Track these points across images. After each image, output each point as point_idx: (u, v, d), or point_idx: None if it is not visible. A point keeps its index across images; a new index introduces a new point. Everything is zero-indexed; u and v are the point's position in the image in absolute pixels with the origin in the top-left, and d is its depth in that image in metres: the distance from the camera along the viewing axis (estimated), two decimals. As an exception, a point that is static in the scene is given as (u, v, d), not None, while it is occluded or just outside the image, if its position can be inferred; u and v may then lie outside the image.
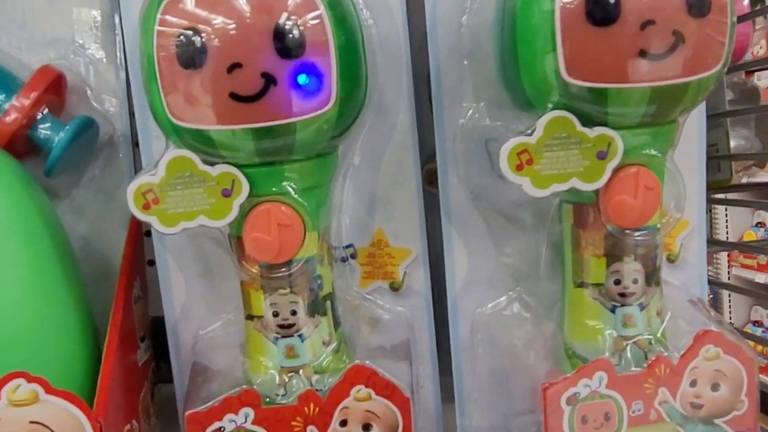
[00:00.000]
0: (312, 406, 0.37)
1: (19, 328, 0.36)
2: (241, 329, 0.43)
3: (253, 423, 0.37)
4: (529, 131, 0.35)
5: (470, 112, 0.42)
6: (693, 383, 0.39)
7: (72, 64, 0.48)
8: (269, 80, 0.32)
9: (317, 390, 0.37)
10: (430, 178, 0.45)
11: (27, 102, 0.43)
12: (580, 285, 0.39)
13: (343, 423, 0.37)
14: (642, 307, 0.39)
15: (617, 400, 0.38)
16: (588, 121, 0.34)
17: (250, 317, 0.38)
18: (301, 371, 0.38)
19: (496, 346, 0.44)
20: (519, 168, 0.35)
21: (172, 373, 0.45)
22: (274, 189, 0.35)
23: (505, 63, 0.37)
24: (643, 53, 0.33)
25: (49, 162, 0.44)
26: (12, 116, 0.43)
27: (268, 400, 0.37)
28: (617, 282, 0.38)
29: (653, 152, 0.36)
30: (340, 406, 0.37)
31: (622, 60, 0.33)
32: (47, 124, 0.44)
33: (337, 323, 0.39)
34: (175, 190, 0.35)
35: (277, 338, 0.38)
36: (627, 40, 0.33)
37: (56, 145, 0.44)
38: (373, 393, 0.37)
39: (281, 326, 0.38)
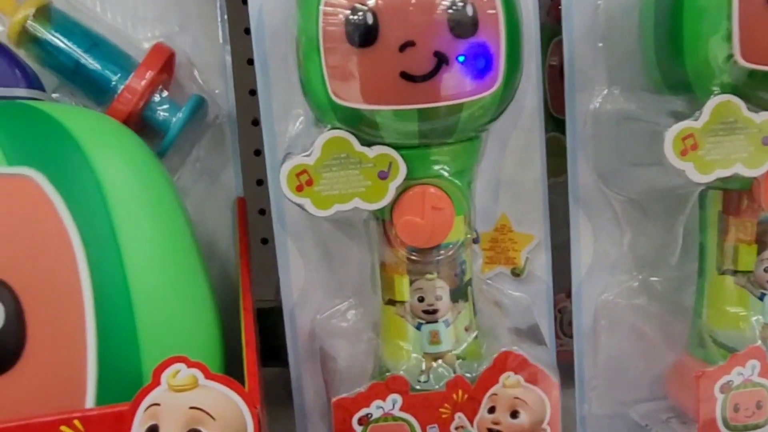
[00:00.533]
0: (460, 392, 0.36)
1: (165, 308, 0.35)
2: (361, 314, 0.43)
3: (400, 409, 0.36)
4: (695, 116, 0.34)
5: (603, 95, 0.41)
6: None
7: (177, 41, 0.47)
8: (441, 59, 0.31)
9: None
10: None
11: (143, 82, 0.42)
12: (725, 272, 0.39)
13: (491, 410, 0.37)
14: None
15: (768, 389, 0.38)
16: (758, 106, 0.34)
17: (391, 302, 0.38)
18: (443, 358, 0.37)
19: (618, 332, 0.44)
20: (683, 153, 0.34)
21: (287, 357, 0.44)
22: (428, 172, 0.35)
23: (661, 44, 0.36)
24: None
25: (165, 143, 0.43)
26: (128, 96, 0.42)
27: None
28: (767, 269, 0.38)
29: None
30: (489, 392, 0.36)
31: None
32: (163, 105, 0.44)
33: (475, 309, 0.39)
34: (330, 171, 0.34)
35: (420, 324, 0.37)
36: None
37: (173, 125, 0.43)
38: (522, 380, 0.36)
39: (426, 312, 0.37)
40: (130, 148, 0.37)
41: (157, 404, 0.32)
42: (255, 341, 0.37)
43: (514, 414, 0.37)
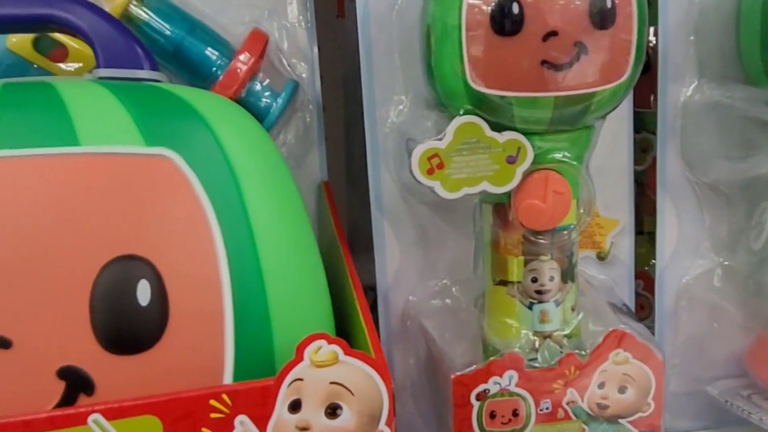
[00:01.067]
0: (572, 368, 0.38)
1: (292, 285, 0.36)
2: (455, 295, 0.44)
3: (516, 385, 0.38)
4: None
5: (693, 87, 0.43)
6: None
7: (265, 27, 0.48)
8: (581, 49, 0.33)
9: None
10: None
11: (245, 67, 0.43)
12: None
13: (601, 385, 0.38)
14: None
15: None
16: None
17: (502, 283, 0.39)
18: (551, 336, 0.39)
19: (697, 313, 0.46)
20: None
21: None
22: (549, 157, 0.36)
23: None
24: None
25: (264, 127, 0.44)
26: (231, 80, 0.43)
27: (518, 363, 0.38)
28: None
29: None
30: (600, 369, 0.38)
31: None
32: (262, 90, 0.44)
33: (580, 290, 0.40)
34: (460, 155, 0.35)
35: (532, 303, 0.39)
36: None
37: (272, 110, 0.44)
38: (630, 356, 0.38)
39: (538, 292, 0.38)
40: (252, 128, 0.38)
41: (300, 379, 0.33)
42: (372, 321, 0.38)
43: (622, 389, 0.38)
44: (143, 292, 0.32)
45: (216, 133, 0.35)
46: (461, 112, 0.35)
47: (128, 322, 0.32)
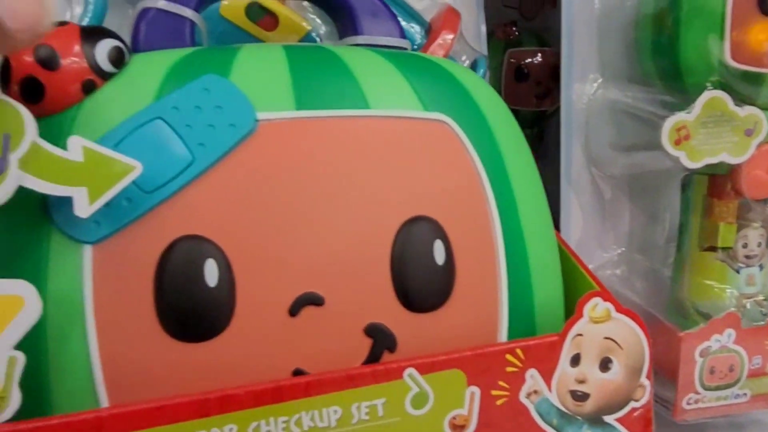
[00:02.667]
0: (777, 326, 0.41)
1: (544, 246, 0.37)
2: (633, 263, 0.47)
3: (733, 342, 0.40)
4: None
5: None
6: None
7: (436, 4, 0.49)
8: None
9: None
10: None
11: (447, 44, 0.44)
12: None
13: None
14: None
15: None
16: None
17: (711, 249, 0.42)
18: (753, 297, 0.42)
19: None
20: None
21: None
22: (773, 130, 0.39)
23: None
24: None
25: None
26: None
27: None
28: None
29: None
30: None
31: None
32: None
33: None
34: (705, 127, 0.38)
35: (740, 268, 0.42)
36: None
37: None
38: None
39: (747, 257, 0.42)
40: (496, 95, 0.39)
41: (580, 335, 0.35)
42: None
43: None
44: (439, 253, 0.33)
45: (475, 99, 0.37)
46: (708, 87, 0.37)
47: (427, 281, 0.33)
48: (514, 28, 0.72)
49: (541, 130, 0.73)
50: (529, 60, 0.71)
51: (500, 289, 0.35)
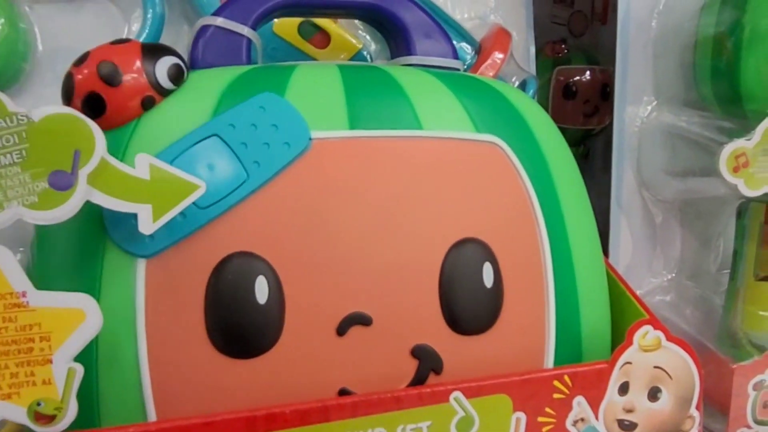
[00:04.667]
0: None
1: (592, 271, 0.37)
2: (683, 290, 0.46)
3: (789, 375, 0.39)
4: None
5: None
6: None
7: (486, 24, 0.49)
8: None
9: None
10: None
11: (498, 64, 0.44)
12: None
13: None
14: None
15: None
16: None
17: (766, 278, 0.41)
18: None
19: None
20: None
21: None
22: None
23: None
24: None
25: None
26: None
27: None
28: None
29: None
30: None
31: None
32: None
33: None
34: (766, 155, 0.37)
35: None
36: None
37: (520, 104, 0.45)
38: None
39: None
40: (547, 117, 0.39)
41: (629, 362, 0.34)
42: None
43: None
44: (488, 275, 0.33)
45: (527, 121, 0.36)
46: None
47: (475, 303, 0.33)
48: (563, 46, 0.72)
49: (587, 148, 0.72)
50: (578, 78, 0.70)
51: (548, 313, 0.35)
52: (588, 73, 0.71)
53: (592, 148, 0.71)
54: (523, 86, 0.45)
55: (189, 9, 0.41)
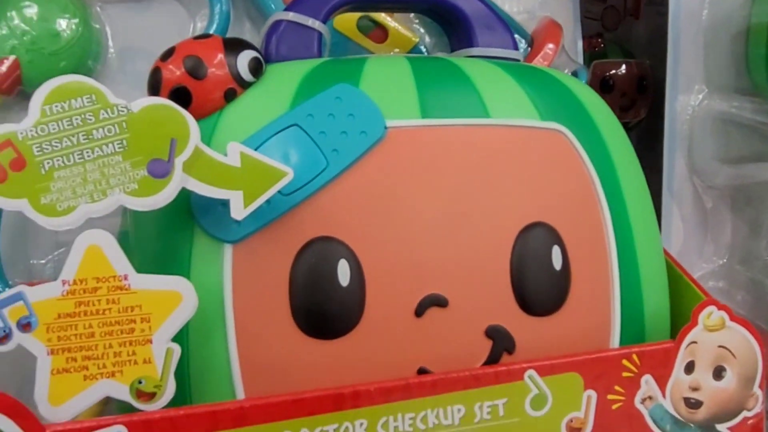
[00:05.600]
0: None
1: (652, 254, 0.38)
2: (732, 275, 0.47)
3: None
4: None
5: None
6: None
7: (534, 18, 0.50)
8: None
9: None
10: None
11: (551, 56, 0.45)
12: None
13: None
14: None
15: None
16: None
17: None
18: None
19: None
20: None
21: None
22: None
23: None
24: None
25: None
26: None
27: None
28: None
29: None
30: None
31: None
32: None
33: None
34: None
35: None
36: None
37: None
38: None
39: None
40: (606, 106, 0.39)
41: (695, 342, 0.35)
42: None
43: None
44: (556, 258, 0.34)
45: (588, 109, 0.37)
46: None
47: (544, 285, 0.34)
48: (599, 40, 0.72)
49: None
50: (614, 71, 0.71)
51: (613, 294, 0.35)
52: (624, 66, 0.71)
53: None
54: (574, 77, 0.46)
55: (251, 7, 0.42)
